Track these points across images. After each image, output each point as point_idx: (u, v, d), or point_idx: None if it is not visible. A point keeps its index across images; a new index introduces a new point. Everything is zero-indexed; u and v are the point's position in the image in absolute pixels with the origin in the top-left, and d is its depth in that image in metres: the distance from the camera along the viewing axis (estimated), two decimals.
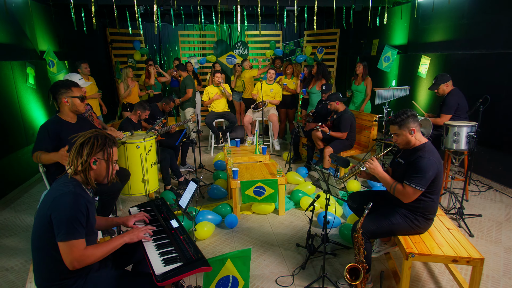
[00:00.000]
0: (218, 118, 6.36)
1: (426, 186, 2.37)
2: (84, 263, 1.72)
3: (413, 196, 2.40)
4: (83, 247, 1.72)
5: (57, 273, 1.77)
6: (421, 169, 2.35)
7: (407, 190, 2.39)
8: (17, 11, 5.01)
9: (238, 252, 2.01)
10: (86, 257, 1.72)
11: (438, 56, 5.56)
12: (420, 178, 2.35)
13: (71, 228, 1.68)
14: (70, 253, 1.68)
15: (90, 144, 1.83)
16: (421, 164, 2.35)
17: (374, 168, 2.52)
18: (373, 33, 7.61)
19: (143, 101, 4.54)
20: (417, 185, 2.35)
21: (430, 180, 2.38)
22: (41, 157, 2.60)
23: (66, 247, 1.68)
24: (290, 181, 4.79)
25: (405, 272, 2.36)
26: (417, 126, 2.48)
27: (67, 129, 2.69)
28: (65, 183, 1.80)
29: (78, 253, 1.69)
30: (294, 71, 6.66)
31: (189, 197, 2.17)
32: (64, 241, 1.67)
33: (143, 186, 3.73)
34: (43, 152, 2.61)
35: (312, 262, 3.09)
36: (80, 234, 1.71)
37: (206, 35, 9.06)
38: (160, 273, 1.71)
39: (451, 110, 3.99)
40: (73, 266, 1.70)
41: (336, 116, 4.87)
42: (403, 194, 2.42)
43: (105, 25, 8.11)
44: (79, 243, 1.70)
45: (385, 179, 2.51)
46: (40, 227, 1.76)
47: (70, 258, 1.68)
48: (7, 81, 4.56)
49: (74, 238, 1.68)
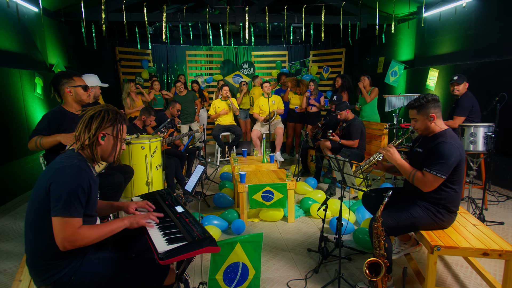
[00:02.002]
0: (224, 131, 6.28)
1: (448, 174, 2.21)
2: (76, 244, 1.55)
3: (434, 184, 2.23)
4: (78, 226, 1.56)
5: (51, 252, 1.61)
6: (443, 155, 2.19)
7: (427, 177, 2.22)
8: (29, 23, 5.11)
9: (249, 237, 1.83)
10: (79, 238, 1.55)
11: (447, 67, 5.52)
12: (441, 164, 2.19)
13: (68, 204, 1.54)
14: (62, 231, 1.52)
15: (100, 117, 1.72)
16: (442, 149, 2.20)
17: (392, 154, 2.37)
18: (378, 51, 7.66)
19: (148, 107, 4.49)
20: (438, 172, 2.19)
21: (452, 168, 2.22)
22: (41, 141, 2.48)
23: (59, 223, 1.53)
24: (299, 191, 4.61)
25: (430, 268, 2.15)
26: (437, 112, 2.34)
27: (69, 120, 2.60)
28: (70, 156, 1.68)
29: (70, 232, 1.53)
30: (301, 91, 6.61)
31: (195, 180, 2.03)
32: (59, 216, 1.53)
33: (147, 189, 3.58)
34: (44, 136, 2.50)
35: (325, 266, 2.87)
36: (78, 212, 1.57)
37: (213, 55, 9.20)
38: (163, 251, 1.55)
39: (465, 112, 3.86)
40: (64, 246, 1.54)
41: (346, 125, 4.77)
42: (423, 183, 2.25)
43: (115, 43, 8.28)
44: (73, 221, 1.55)
45: (403, 167, 2.35)
46: (37, 199, 1.62)
47: (61, 236, 1.52)
48: (15, 88, 4.56)
49: (70, 215, 1.54)
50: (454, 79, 3.96)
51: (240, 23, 6.43)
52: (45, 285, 1.64)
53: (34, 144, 2.51)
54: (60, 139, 2.47)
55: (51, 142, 2.51)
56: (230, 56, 9.33)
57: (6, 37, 4.54)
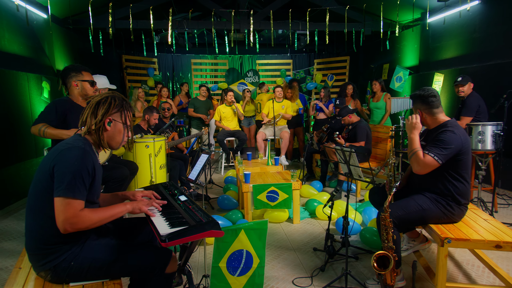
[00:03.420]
0: (229, 136, 6.27)
1: (445, 160, 2.19)
2: (76, 227, 1.52)
3: (428, 167, 2.21)
4: (80, 209, 1.53)
5: (52, 237, 1.58)
6: (443, 141, 2.19)
7: (426, 158, 2.20)
8: (38, 29, 5.20)
9: (254, 224, 1.79)
10: (80, 220, 1.52)
11: (452, 71, 5.50)
12: (440, 149, 2.18)
13: (72, 185, 1.51)
14: (64, 212, 1.49)
15: (107, 103, 1.71)
16: (443, 136, 2.21)
17: (413, 123, 2.30)
18: (383, 57, 7.68)
19: (150, 106, 4.49)
20: (435, 155, 2.17)
21: (451, 155, 2.19)
22: (46, 130, 2.47)
23: (61, 204, 1.50)
24: (304, 194, 4.55)
25: (441, 261, 2.08)
26: (426, 110, 2.34)
27: (75, 111, 2.61)
28: (75, 139, 1.66)
29: (72, 213, 1.50)
30: (293, 95, 6.65)
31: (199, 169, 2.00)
32: (61, 196, 1.50)
33: None
34: (49, 126, 2.49)
35: (332, 265, 2.80)
36: (81, 193, 1.54)
37: (218, 63, 9.27)
38: (166, 233, 1.51)
39: (472, 112, 3.82)
40: (64, 228, 1.50)
41: (351, 127, 4.74)
42: (418, 162, 2.22)
43: (121, 52, 8.40)
44: (76, 203, 1.52)
45: (413, 140, 2.30)
46: (39, 181, 1.60)
47: (62, 217, 1.49)
48: (22, 90, 4.61)
49: (73, 196, 1.51)
50: (458, 80, 3.94)
51: (245, 30, 6.49)
52: (44, 270, 1.60)
53: (37, 130, 2.50)
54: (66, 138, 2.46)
55: (54, 136, 2.50)
56: (235, 64, 9.40)
57: (15, 41, 4.61)
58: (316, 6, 6.49)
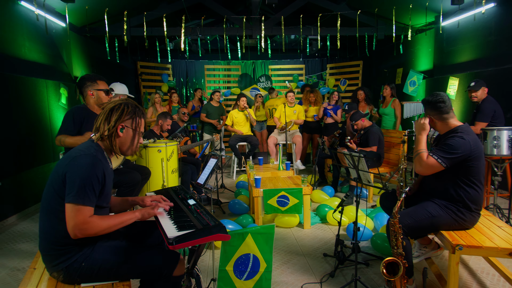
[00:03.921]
0: (241, 141, 6.31)
1: (449, 165, 2.17)
2: (86, 233, 1.57)
3: (430, 169, 2.21)
4: (89, 215, 1.58)
5: (63, 238, 1.63)
6: (450, 146, 2.18)
7: (429, 160, 2.21)
8: (56, 37, 5.38)
9: (260, 228, 1.80)
10: (89, 226, 1.57)
11: (467, 75, 5.40)
12: (445, 152, 2.17)
13: (82, 192, 1.56)
14: (74, 218, 1.55)
15: (120, 110, 1.75)
16: (450, 141, 2.19)
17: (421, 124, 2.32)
18: (396, 62, 7.60)
19: (164, 112, 4.58)
20: (439, 158, 2.17)
21: (457, 160, 2.17)
22: (65, 140, 2.59)
23: (71, 210, 1.55)
24: (316, 199, 4.53)
25: (452, 268, 2.04)
26: (435, 115, 2.33)
27: (91, 119, 2.69)
28: (88, 146, 1.72)
29: (81, 219, 1.55)
30: (316, 99, 6.63)
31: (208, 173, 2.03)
32: (72, 203, 1.55)
33: None
34: (67, 136, 2.60)
35: (342, 271, 2.78)
36: (90, 200, 1.59)
37: (231, 69, 9.36)
38: (173, 236, 1.54)
39: (487, 117, 3.74)
40: (74, 233, 1.55)
41: (363, 132, 4.70)
42: (421, 163, 2.23)
43: (137, 58, 8.59)
44: (85, 210, 1.57)
45: (420, 141, 2.32)
46: (53, 186, 1.66)
47: (72, 223, 1.55)
48: (41, 97, 4.77)
49: (83, 203, 1.56)
50: (470, 85, 3.89)
51: (257, 36, 6.54)
52: (57, 270, 1.66)
53: (59, 142, 2.65)
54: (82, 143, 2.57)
55: (72, 144, 2.60)
56: (248, 70, 9.47)
57: (35, 49, 4.78)
58: (328, 11, 6.49)
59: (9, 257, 3.13)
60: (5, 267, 2.95)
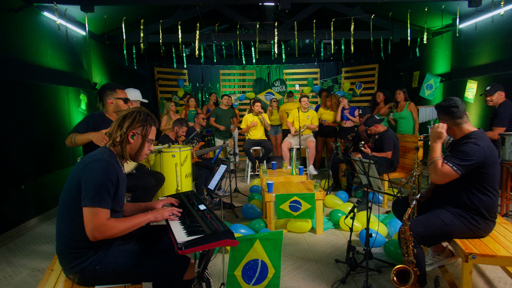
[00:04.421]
0: (255, 146, 6.34)
1: (465, 172, 2.13)
2: (105, 235, 1.64)
3: (446, 177, 2.17)
4: (106, 218, 1.65)
5: (79, 242, 1.71)
6: (464, 152, 2.14)
7: (444, 168, 2.16)
8: (77, 45, 5.58)
9: (269, 234, 1.83)
10: (107, 228, 1.63)
11: (486, 78, 5.27)
12: (460, 159, 2.13)
13: (98, 194, 1.63)
14: (92, 221, 1.61)
15: (132, 117, 1.83)
16: (465, 147, 2.16)
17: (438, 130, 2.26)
18: (413, 65, 7.49)
19: (180, 118, 4.66)
20: (454, 165, 2.13)
21: (472, 167, 2.13)
22: (75, 138, 2.66)
23: (89, 213, 1.62)
24: (329, 204, 4.51)
25: (465, 278, 2.00)
26: (448, 120, 2.30)
27: (105, 125, 2.78)
28: (101, 152, 1.80)
29: (100, 222, 1.62)
30: (331, 104, 6.61)
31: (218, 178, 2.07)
32: (89, 206, 1.62)
33: None
34: (78, 133, 2.68)
35: (353, 277, 2.76)
36: (106, 203, 1.66)
37: (246, 73, 9.44)
38: (182, 241, 1.58)
39: (505, 122, 3.65)
40: (94, 235, 1.62)
41: (378, 137, 4.65)
42: (438, 172, 2.18)
43: (154, 64, 8.78)
44: (103, 212, 1.64)
45: (435, 149, 2.28)
46: (68, 191, 1.73)
47: (91, 226, 1.61)
48: (62, 103, 4.95)
49: (100, 206, 1.63)
50: (486, 89, 3.82)
51: (271, 41, 6.58)
52: (73, 273, 1.73)
53: (69, 141, 2.71)
54: (92, 138, 2.63)
55: (83, 140, 2.68)
56: (263, 74, 9.53)
57: (56, 57, 4.98)
58: (342, 15, 6.47)
59: (30, 258, 3.26)
60: (26, 267, 3.07)
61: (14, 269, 3.04)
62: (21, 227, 4.00)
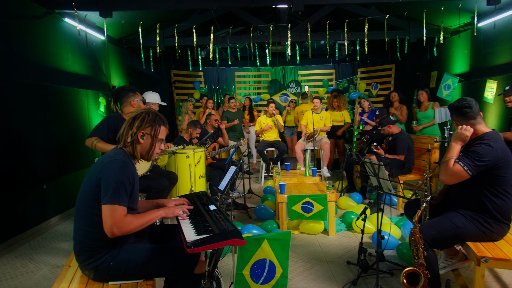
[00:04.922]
0: (269, 147, 6.38)
1: (475, 173, 2.10)
2: (123, 230, 1.71)
3: (456, 176, 2.14)
4: (124, 214, 1.73)
5: (95, 240, 1.79)
6: (477, 153, 2.11)
7: (455, 167, 2.14)
8: (96, 49, 5.76)
9: (276, 234, 1.86)
10: (125, 224, 1.71)
11: (506, 78, 5.13)
12: (472, 159, 2.11)
13: (116, 192, 1.71)
14: (111, 217, 1.68)
15: (141, 118, 1.90)
16: (477, 148, 2.13)
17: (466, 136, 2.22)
18: (430, 65, 7.35)
19: (194, 120, 4.75)
20: (465, 165, 2.10)
21: (483, 168, 2.10)
22: (97, 144, 2.77)
23: (108, 210, 1.69)
24: (343, 206, 4.50)
25: (478, 281, 1.98)
26: (461, 121, 2.27)
27: None
28: (117, 152, 1.88)
29: (118, 218, 1.69)
30: (339, 104, 6.62)
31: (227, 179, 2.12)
32: (108, 203, 1.69)
33: None
34: (100, 140, 2.78)
35: (365, 279, 2.75)
36: (124, 200, 1.73)
37: (261, 75, 9.49)
38: (191, 240, 1.64)
39: None
40: (112, 231, 1.69)
41: (392, 139, 4.60)
42: (448, 171, 2.16)
43: (170, 67, 8.95)
44: (121, 209, 1.71)
45: (453, 149, 2.24)
46: (87, 191, 1.81)
47: (110, 222, 1.68)
48: (82, 106, 5.12)
49: (118, 203, 1.70)
50: (505, 89, 3.72)
51: (286, 43, 6.60)
52: (88, 269, 1.81)
53: (90, 143, 2.82)
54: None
55: (103, 150, 2.78)
56: (278, 76, 9.54)
57: (77, 62, 5.16)
58: (357, 15, 6.43)
59: (51, 255, 3.40)
60: (47, 263, 3.21)
61: (36, 265, 3.17)
62: (42, 225, 4.16)
